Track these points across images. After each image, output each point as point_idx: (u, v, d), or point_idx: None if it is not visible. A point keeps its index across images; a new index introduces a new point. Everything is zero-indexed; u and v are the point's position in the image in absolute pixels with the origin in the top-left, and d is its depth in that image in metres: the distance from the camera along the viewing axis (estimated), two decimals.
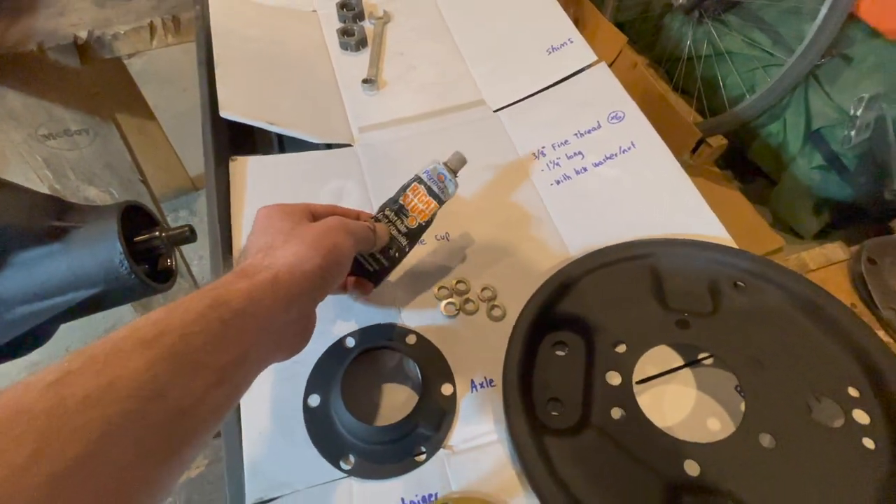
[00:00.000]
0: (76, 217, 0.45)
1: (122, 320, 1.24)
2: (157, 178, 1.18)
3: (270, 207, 0.35)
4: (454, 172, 0.41)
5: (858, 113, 0.95)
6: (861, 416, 0.32)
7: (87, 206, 0.47)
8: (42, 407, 0.19)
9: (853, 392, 0.33)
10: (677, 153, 1.59)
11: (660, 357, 0.41)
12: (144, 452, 0.21)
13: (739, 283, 0.40)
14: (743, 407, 0.34)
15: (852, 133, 0.97)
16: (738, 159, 1.44)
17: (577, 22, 1.63)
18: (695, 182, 1.65)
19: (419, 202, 0.39)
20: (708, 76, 1.35)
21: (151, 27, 0.70)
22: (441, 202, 0.40)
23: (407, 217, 0.39)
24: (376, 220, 0.39)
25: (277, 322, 0.28)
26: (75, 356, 0.22)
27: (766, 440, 0.32)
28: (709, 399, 0.39)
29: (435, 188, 0.40)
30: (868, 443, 0.31)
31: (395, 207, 0.40)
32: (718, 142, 1.34)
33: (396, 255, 0.40)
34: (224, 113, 0.52)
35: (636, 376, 0.40)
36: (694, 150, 1.37)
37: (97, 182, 0.84)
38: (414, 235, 0.40)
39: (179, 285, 1.09)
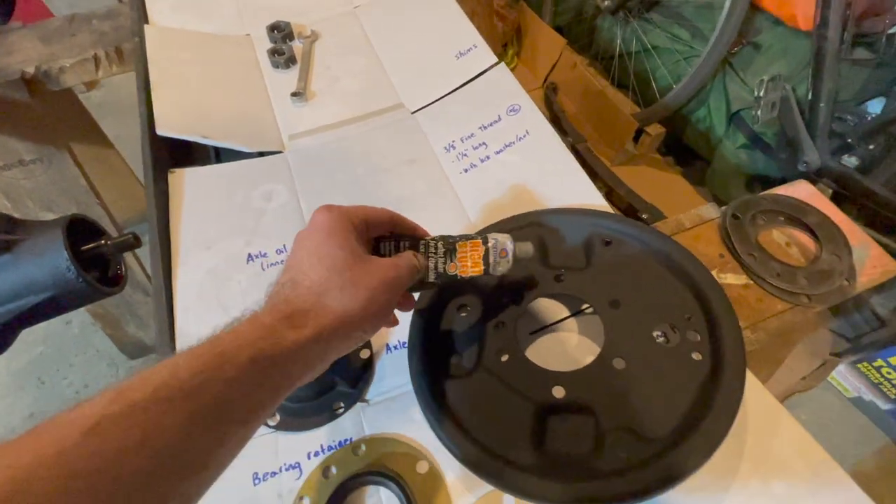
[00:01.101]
0: (24, 231, 0.49)
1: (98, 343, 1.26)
2: (120, 204, 1.22)
3: (331, 216, 0.32)
4: (514, 258, 0.38)
5: (761, 94, 1.04)
6: (692, 336, 0.39)
7: (34, 221, 0.51)
8: (83, 453, 0.19)
9: (688, 317, 0.40)
10: (619, 143, 1.66)
11: (550, 310, 0.47)
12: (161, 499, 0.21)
13: (608, 241, 0.46)
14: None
15: (758, 112, 1.06)
16: (677, 145, 1.53)
17: (519, 28, 1.72)
18: (638, 169, 1.73)
19: (470, 259, 0.37)
20: (639, 70, 1.45)
21: (96, 59, 0.75)
22: (486, 272, 0.37)
23: (451, 262, 0.37)
24: (426, 244, 0.37)
25: (309, 373, 0.29)
26: (115, 396, 0.21)
27: (618, 363, 0.39)
28: (588, 341, 0.45)
29: (491, 258, 0.37)
30: (696, 356, 0.38)
31: (449, 247, 0.37)
32: (656, 130, 1.43)
33: (419, 286, 0.38)
34: (160, 130, 0.58)
35: (530, 328, 0.46)
36: (637, 140, 1.46)
37: (56, 208, 0.88)
38: (445, 280, 0.37)
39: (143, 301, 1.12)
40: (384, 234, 0.37)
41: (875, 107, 1.14)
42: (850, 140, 1.09)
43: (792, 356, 1.16)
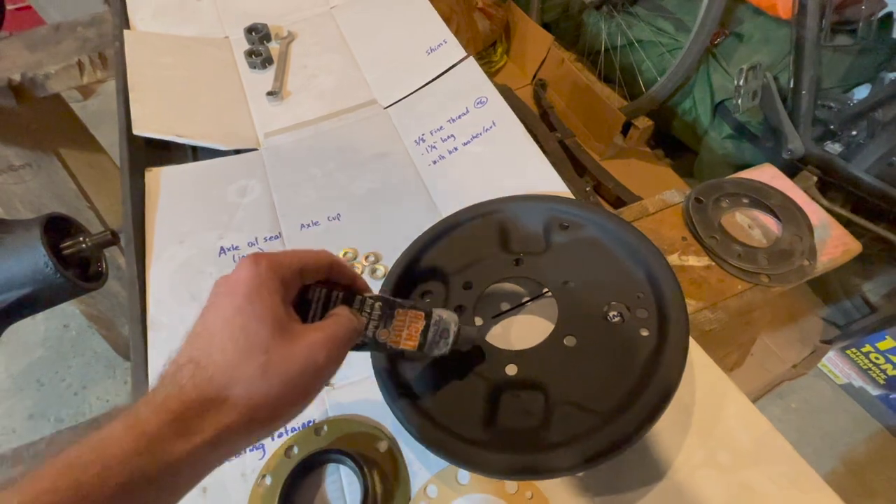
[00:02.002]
0: (4, 229, 0.51)
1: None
2: (114, 208, 1.24)
3: (255, 271, 0.25)
4: (454, 342, 0.34)
5: (741, 83, 1.05)
6: (641, 313, 0.40)
7: (15, 220, 0.53)
8: None
9: (639, 295, 0.41)
10: (608, 137, 1.67)
11: (511, 293, 0.49)
12: None
13: (565, 224, 0.47)
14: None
15: (739, 101, 1.06)
16: (666, 137, 1.54)
17: (508, 26, 1.74)
18: (627, 162, 1.74)
19: (406, 330, 0.33)
20: (625, 64, 1.46)
21: (80, 65, 0.77)
22: (420, 349, 0.33)
23: (384, 328, 0.32)
24: (362, 301, 0.32)
25: (201, 480, 0.24)
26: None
27: (570, 341, 0.40)
28: (546, 322, 0.46)
29: (430, 335, 0.33)
30: (644, 332, 0.39)
31: (387, 312, 0.33)
32: (644, 123, 1.44)
33: None
34: (136, 130, 0.60)
35: (491, 311, 0.47)
36: (626, 134, 1.47)
37: (46, 212, 0.90)
38: (374, 346, 0.33)
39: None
40: (319, 280, 0.31)
41: (862, 94, 1.14)
42: (833, 127, 1.10)
43: (781, 344, 1.16)
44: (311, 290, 0.31)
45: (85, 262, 0.55)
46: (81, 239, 0.53)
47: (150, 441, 0.21)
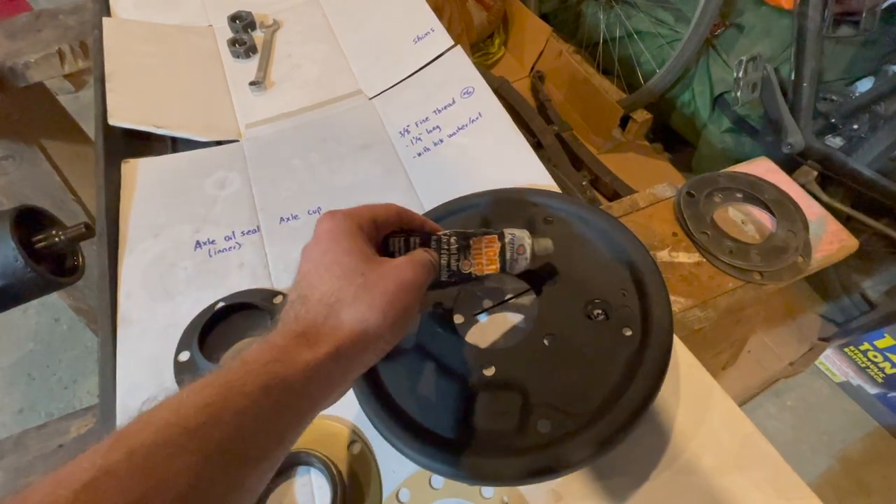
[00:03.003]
0: None
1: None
2: None
3: (333, 222, 0.29)
4: (533, 255, 0.36)
5: (740, 75, 1.03)
6: (625, 311, 0.38)
7: None
8: None
9: (622, 293, 0.39)
10: (606, 130, 1.64)
11: (493, 291, 0.47)
12: None
13: (549, 219, 0.46)
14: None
15: (738, 94, 1.04)
16: (665, 131, 1.51)
17: (506, 17, 1.71)
18: (625, 156, 1.71)
19: (485, 256, 0.35)
20: (624, 56, 1.43)
21: (60, 54, 0.76)
22: (503, 270, 0.35)
23: (465, 259, 0.34)
24: (438, 240, 0.35)
25: (331, 396, 0.27)
26: (113, 443, 0.19)
27: (550, 340, 0.38)
28: (528, 320, 0.45)
29: (508, 254, 0.35)
30: (627, 331, 0.37)
31: (462, 244, 0.35)
32: (643, 116, 1.41)
33: (433, 286, 0.34)
34: (112, 121, 0.58)
35: (472, 309, 0.46)
36: (624, 127, 1.44)
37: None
38: (458, 280, 0.35)
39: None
40: (394, 231, 0.34)
41: (865, 86, 1.12)
42: (834, 120, 1.07)
43: (778, 341, 1.15)
44: (391, 242, 0.34)
45: (60, 255, 0.54)
46: (54, 232, 0.52)
47: (281, 352, 0.25)
